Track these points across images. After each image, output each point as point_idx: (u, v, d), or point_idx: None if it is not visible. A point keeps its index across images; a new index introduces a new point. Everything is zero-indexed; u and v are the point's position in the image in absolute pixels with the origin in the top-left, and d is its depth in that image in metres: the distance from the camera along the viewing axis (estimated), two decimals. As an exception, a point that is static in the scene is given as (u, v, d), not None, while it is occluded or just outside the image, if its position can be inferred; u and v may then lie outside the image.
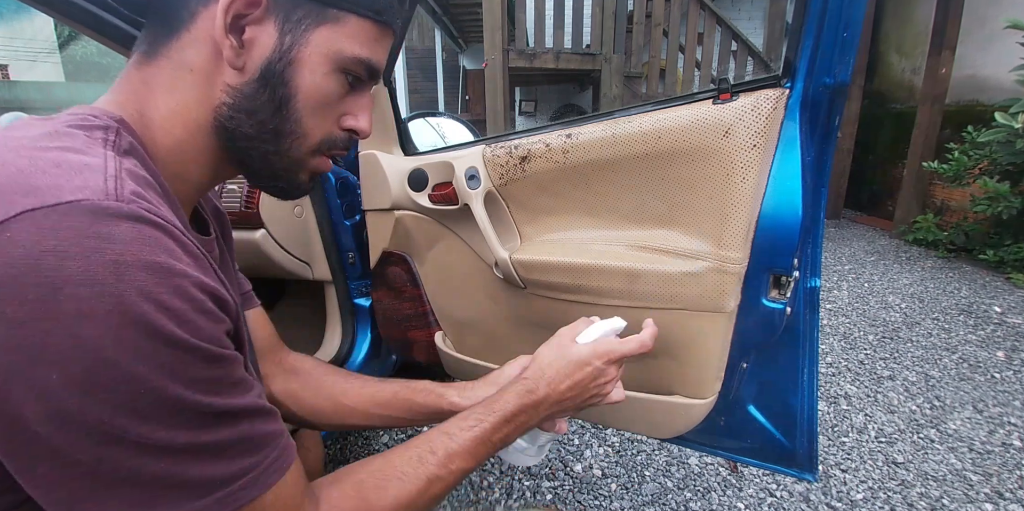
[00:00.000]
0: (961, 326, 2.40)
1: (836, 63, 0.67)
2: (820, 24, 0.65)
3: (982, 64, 3.80)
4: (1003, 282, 2.99)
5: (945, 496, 1.33)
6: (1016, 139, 2.82)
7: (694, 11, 4.39)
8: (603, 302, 0.87)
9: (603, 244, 0.88)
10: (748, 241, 0.74)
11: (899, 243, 3.98)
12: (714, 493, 1.33)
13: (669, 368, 0.86)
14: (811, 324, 0.80)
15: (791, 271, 0.74)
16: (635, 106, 0.83)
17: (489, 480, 1.37)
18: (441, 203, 1.02)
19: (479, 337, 1.15)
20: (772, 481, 1.37)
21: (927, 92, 3.79)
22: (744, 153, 0.70)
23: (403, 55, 6.54)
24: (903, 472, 1.42)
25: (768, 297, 0.77)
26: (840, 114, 0.72)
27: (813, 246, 0.76)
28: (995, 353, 2.12)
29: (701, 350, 0.82)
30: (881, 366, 2.04)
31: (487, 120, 4.33)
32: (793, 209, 0.72)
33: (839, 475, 1.41)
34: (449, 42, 8.31)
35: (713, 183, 0.73)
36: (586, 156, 0.84)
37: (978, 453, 1.50)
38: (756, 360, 0.84)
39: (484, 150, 0.96)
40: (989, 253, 3.23)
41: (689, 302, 0.79)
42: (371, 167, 1.09)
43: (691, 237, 0.78)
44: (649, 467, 1.43)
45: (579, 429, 1.60)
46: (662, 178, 0.79)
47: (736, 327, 0.80)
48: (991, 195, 3.04)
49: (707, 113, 0.71)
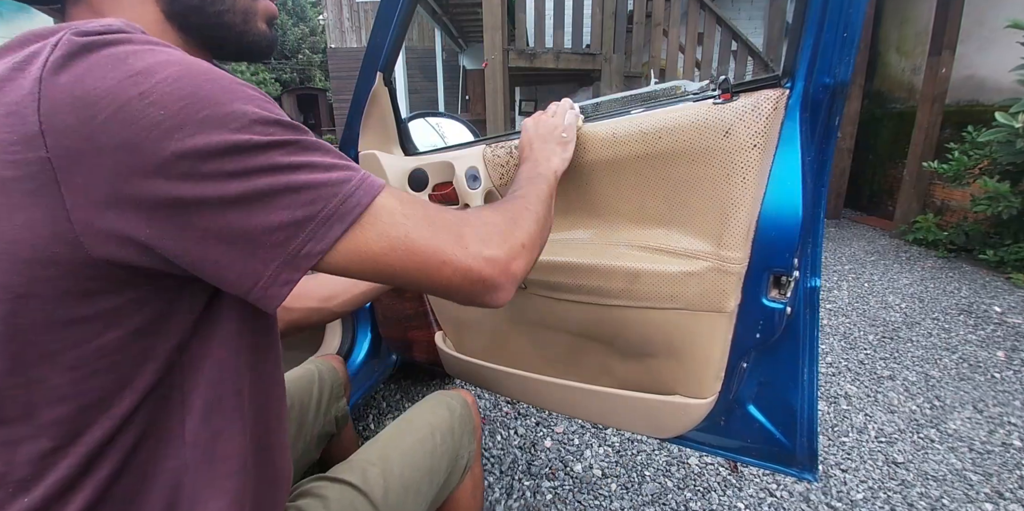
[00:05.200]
0: (961, 326, 2.40)
1: (836, 63, 0.67)
2: (820, 24, 0.65)
3: (982, 64, 3.80)
4: (1003, 282, 2.99)
5: (945, 496, 1.33)
6: (1016, 139, 2.82)
7: (694, 11, 4.38)
8: (603, 302, 0.87)
9: (603, 244, 0.88)
10: (748, 241, 0.74)
11: (899, 243, 3.98)
12: (714, 493, 1.33)
13: (669, 368, 0.86)
14: (811, 324, 0.80)
15: (791, 271, 0.74)
16: (635, 106, 0.83)
17: (489, 480, 1.37)
18: (441, 203, 1.02)
19: (479, 337, 1.15)
20: (772, 481, 1.37)
21: (927, 92, 3.79)
22: (744, 153, 0.70)
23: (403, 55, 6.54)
24: (903, 472, 1.42)
25: (768, 297, 0.77)
26: (840, 114, 0.72)
27: (813, 246, 0.76)
28: (995, 353, 2.12)
29: (701, 350, 0.82)
30: (881, 366, 2.04)
31: (487, 120, 4.33)
32: (793, 209, 0.72)
33: (839, 475, 1.41)
34: (449, 42, 8.31)
35: (713, 183, 0.73)
36: (586, 156, 0.84)
37: (978, 453, 1.50)
38: (756, 360, 0.84)
39: (484, 150, 0.96)
40: (989, 253, 3.23)
41: (689, 302, 0.79)
42: (371, 167, 1.09)
43: (691, 237, 0.78)
44: (649, 467, 1.43)
45: (579, 429, 1.60)
46: (662, 178, 0.79)
47: (736, 327, 0.80)
48: (991, 195, 3.04)
49: (707, 113, 0.71)
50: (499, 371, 1.11)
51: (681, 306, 0.80)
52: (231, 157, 0.35)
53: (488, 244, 0.47)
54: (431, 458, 0.72)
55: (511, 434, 1.57)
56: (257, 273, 0.37)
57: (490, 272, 0.46)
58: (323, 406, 0.93)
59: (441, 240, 0.43)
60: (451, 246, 0.44)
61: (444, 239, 0.44)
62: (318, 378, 0.94)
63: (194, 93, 0.35)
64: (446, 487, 0.76)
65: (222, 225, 0.36)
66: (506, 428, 1.60)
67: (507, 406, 1.72)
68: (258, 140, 0.36)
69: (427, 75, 8.86)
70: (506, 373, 1.10)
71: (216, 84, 0.36)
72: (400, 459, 0.69)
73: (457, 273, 0.44)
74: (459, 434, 0.78)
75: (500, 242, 0.48)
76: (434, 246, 0.43)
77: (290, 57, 15.73)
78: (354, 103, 1.06)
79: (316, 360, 1.00)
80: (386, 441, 0.72)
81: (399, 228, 0.41)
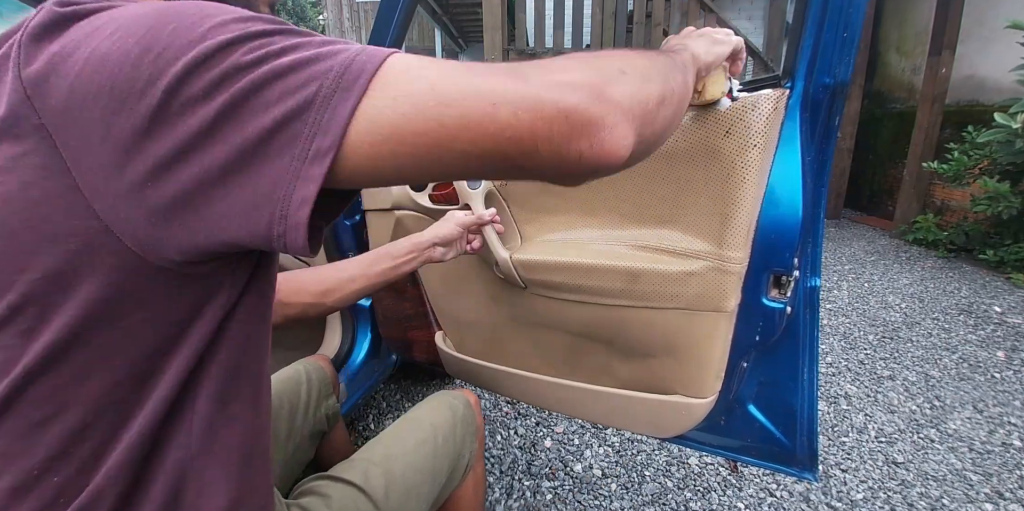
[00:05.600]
0: (961, 326, 2.40)
1: (836, 63, 0.67)
2: (820, 24, 0.66)
3: (982, 64, 3.80)
4: (1003, 282, 2.99)
5: (945, 496, 1.33)
6: (1016, 139, 2.82)
7: (694, 11, 4.39)
8: (604, 301, 0.87)
9: (604, 244, 0.88)
10: (748, 241, 0.74)
11: (899, 243, 3.98)
12: (714, 493, 1.33)
13: (670, 367, 0.86)
14: (811, 324, 0.80)
15: (791, 271, 0.74)
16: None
17: (489, 480, 1.37)
18: (442, 203, 1.02)
19: (479, 337, 1.15)
20: (772, 481, 1.37)
21: (927, 92, 3.79)
22: (744, 153, 0.70)
23: (403, 55, 6.52)
24: (903, 472, 1.42)
25: (768, 297, 0.77)
26: (840, 114, 0.72)
27: (813, 246, 0.77)
28: (995, 353, 2.12)
29: (702, 350, 0.82)
30: (881, 366, 2.04)
31: (487, 120, 4.33)
32: (793, 209, 0.72)
33: (839, 475, 1.41)
34: (449, 42, 8.31)
35: (713, 183, 0.73)
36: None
37: (978, 453, 1.50)
38: (756, 360, 0.84)
39: (484, 150, 0.96)
40: (989, 253, 3.23)
41: (690, 302, 0.79)
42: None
43: (691, 237, 0.78)
44: (649, 467, 1.43)
45: (579, 429, 1.60)
46: (662, 178, 0.79)
47: (736, 326, 0.80)
48: (991, 195, 3.04)
49: (707, 113, 0.71)
50: (499, 371, 1.11)
51: (681, 306, 0.80)
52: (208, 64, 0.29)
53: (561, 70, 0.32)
54: (433, 459, 0.72)
55: (511, 434, 1.57)
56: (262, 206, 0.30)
57: (574, 99, 0.30)
58: (312, 405, 0.93)
59: (484, 80, 0.31)
60: (501, 83, 0.31)
61: (488, 79, 0.31)
62: (306, 378, 0.95)
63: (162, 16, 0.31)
64: (447, 487, 0.76)
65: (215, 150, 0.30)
66: (506, 428, 1.60)
67: (507, 406, 1.73)
68: (227, 38, 0.30)
69: (427, 75, 8.86)
70: (506, 373, 1.10)
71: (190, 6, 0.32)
72: (402, 459, 0.69)
73: (520, 112, 0.30)
74: (461, 435, 0.78)
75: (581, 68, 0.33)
76: (474, 88, 0.30)
77: (290, 57, 15.72)
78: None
79: (303, 360, 1.01)
80: (389, 441, 0.72)
81: (421, 82, 0.30)
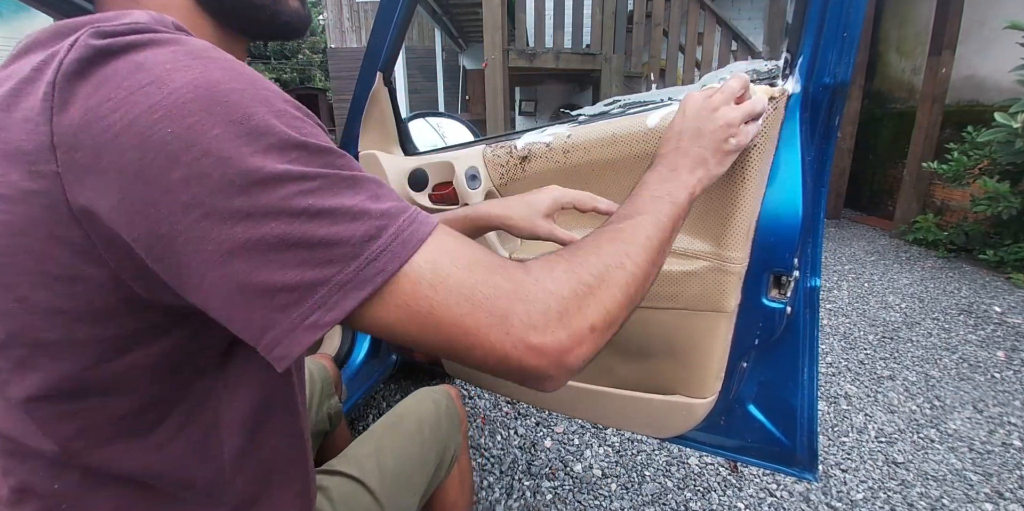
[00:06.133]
0: (961, 326, 2.40)
1: (836, 63, 0.67)
2: (820, 24, 0.65)
3: (982, 64, 3.80)
4: (1003, 282, 2.99)
5: (945, 496, 1.33)
6: (1016, 139, 2.82)
7: (694, 11, 4.39)
8: (603, 302, 0.87)
9: (603, 244, 0.88)
10: (748, 241, 0.74)
11: (899, 243, 3.98)
12: (714, 493, 1.33)
13: (670, 367, 0.86)
14: (811, 324, 0.80)
15: (791, 271, 0.74)
16: (635, 106, 0.83)
17: (489, 480, 1.37)
18: (442, 203, 1.02)
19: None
20: (772, 481, 1.37)
21: (927, 92, 3.79)
22: (744, 153, 0.70)
23: (403, 55, 6.55)
24: (903, 472, 1.42)
25: (768, 297, 0.77)
26: (840, 114, 0.72)
27: (813, 246, 0.76)
28: (995, 353, 2.12)
29: (702, 350, 0.82)
30: (881, 366, 2.04)
31: (487, 120, 4.33)
32: (793, 209, 0.72)
33: (839, 475, 1.41)
34: (449, 42, 8.31)
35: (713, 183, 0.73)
36: (586, 156, 0.84)
37: (978, 453, 1.50)
38: (756, 360, 0.84)
39: (484, 150, 0.96)
40: (989, 253, 3.23)
41: (690, 302, 0.79)
42: (371, 167, 1.09)
43: (691, 237, 0.78)
44: (649, 467, 1.43)
45: (579, 429, 1.60)
46: (662, 178, 0.79)
47: (736, 327, 0.80)
48: (991, 195, 3.04)
49: None
50: (499, 371, 1.11)
51: (681, 306, 0.80)
52: (241, 191, 0.31)
53: (541, 328, 0.36)
54: (421, 449, 0.75)
55: (511, 434, 1.57)
56: (254, 337, 0.33)
57: (535, 363, 0.36)
58: (315, 405, 0.95)
59: (475, 320, 0.35)
60: (486, 328, 0.35)
61: (480, 319, 0.35)
62: (310, 378, 0.96)
63: (207, 108, 0.31)
64: (436, 478, 0.78)
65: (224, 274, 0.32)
66: (506, 428, 1.60)
67: (507, 406, 1.72)
68: (276, 170, 0.32)
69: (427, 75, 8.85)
70: (506, 373, 1.10)
71: (235, 94, 0.33)
72: (393, 451, 0.72)
73: (490, 358, 0.35)
74: (446, 426, 0.81)
75: (559, 325, 0.36)
76: (464, 326, 0.34)
77: (290, 57, 15.75)
78: (354, 103, 1.06)
79: (307, 359, 1.01)
80: (378, 435, 0.75)
81: (423, 302, 0.34)
